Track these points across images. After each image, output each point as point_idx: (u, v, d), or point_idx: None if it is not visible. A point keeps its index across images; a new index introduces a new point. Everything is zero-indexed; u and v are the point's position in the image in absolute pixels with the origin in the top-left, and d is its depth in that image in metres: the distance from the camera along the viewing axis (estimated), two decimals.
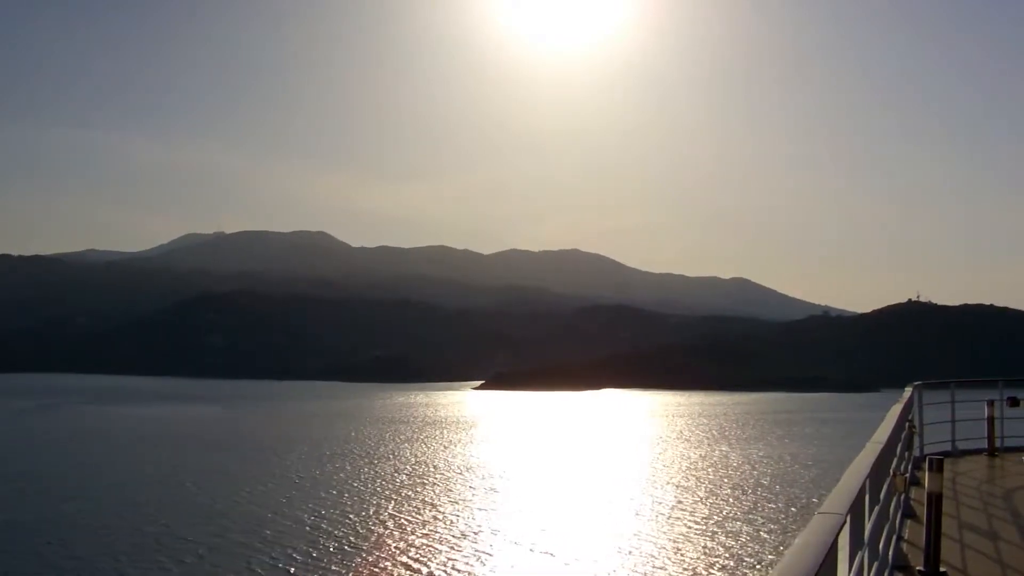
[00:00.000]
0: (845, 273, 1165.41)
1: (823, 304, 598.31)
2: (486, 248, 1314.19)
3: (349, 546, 50.30)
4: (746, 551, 49.58)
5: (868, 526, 6.63)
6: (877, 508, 7.37)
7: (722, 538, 52.79)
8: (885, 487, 8.56)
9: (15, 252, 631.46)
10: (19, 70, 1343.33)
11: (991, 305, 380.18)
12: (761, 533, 54.47)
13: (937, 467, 9.32)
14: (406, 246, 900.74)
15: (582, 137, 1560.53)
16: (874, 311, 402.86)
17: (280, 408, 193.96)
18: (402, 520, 57.85)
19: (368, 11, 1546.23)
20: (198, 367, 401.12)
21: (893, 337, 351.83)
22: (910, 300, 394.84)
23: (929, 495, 9.33)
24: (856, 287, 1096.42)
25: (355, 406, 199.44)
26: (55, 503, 63.81)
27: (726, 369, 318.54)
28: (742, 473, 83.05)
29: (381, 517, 58.97)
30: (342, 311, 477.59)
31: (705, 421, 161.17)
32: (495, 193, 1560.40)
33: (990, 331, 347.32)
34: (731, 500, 66.58)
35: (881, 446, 8.02)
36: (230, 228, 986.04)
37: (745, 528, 55.89)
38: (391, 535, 53.25)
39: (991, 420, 19.59)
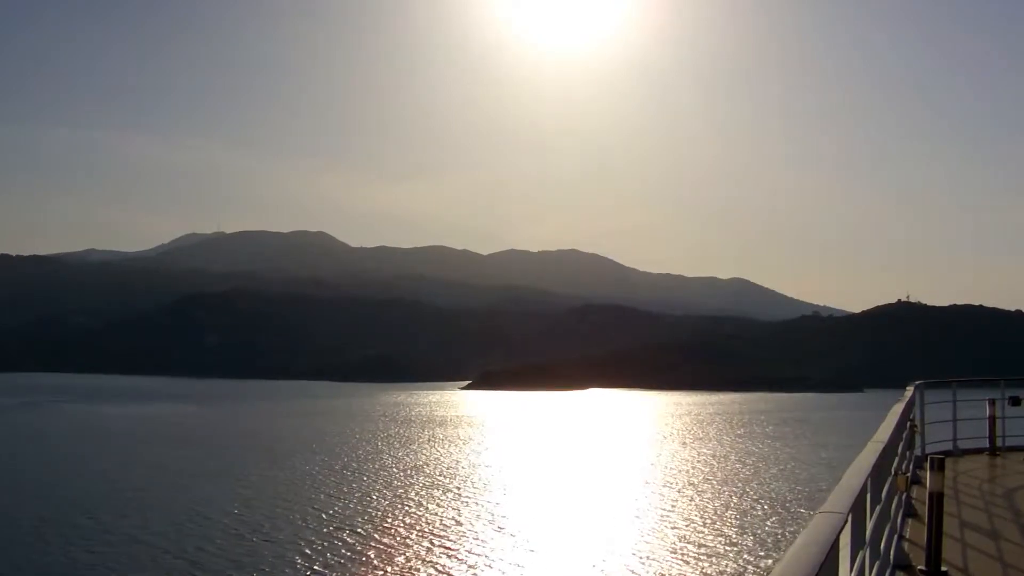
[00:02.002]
0: (845, 273, 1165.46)
1: (823, 305, 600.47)
2: (485, 248, 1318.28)
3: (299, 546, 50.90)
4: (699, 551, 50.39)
5: (869, 525, 6.59)
6: (878, 507, 7.34)
7: (694, 538, 53.23)
8: (887, 486, 8.55)
9: (14, 252, 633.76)
10: (19, 70, 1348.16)
11: (980, 305, 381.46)
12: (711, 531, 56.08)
13: (939, 466, 9.29)
14: (405, 246, 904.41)
15: (581, 137, 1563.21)
16: (863, 311, 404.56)
17: (250, 407, 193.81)
18: (335, 519, 59.59)
19: (368, 11, 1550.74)
20: (194, 366, 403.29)
21: (880, 337, 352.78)
22: (899, 301, 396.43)
23: (931, 494, 9.32)
24: (856, 287, 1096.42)
25: (331, 405, 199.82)
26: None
27: (713, 369, 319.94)
28: (685, 472, 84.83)
29: (311, 515, 60.69)
30: (337, 311, 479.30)
31: (672, 420, 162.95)
32: (494, 193, 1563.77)
33: (979, 331, 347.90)
34: (677, 499, 68.26)
35: (883, 445, 7.91)
36: (230, 228, 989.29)
37: (701, 526, 57.45)
38: (328, 534, 54.62)
39: (993, 419, 19.54)
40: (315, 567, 45.27)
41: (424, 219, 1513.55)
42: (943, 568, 9.38)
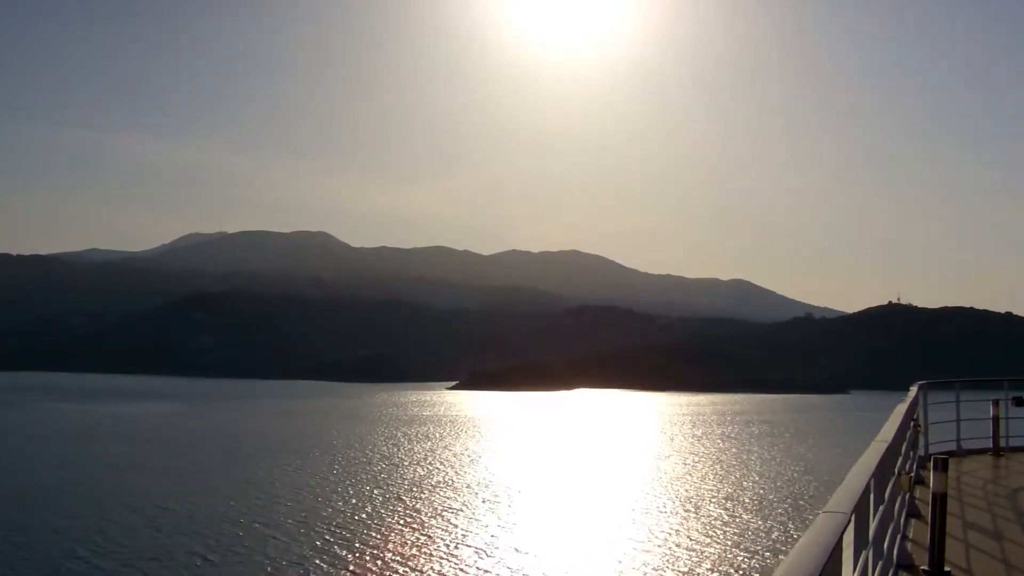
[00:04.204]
0: (846, 275, 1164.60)
1: (824, 306, 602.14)
2: (486, 249, 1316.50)
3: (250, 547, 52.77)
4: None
5: (872, 525, 6.63)
6: (882, 507, 7.39)
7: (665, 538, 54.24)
8: (890, 486, 8.61)
9: (15, 252, 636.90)
10: (20, 70, 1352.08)
11: (971, 308, 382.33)
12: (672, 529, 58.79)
13: (942, 466, 9.27)
14: (406, 247, 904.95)
15: (582, 137, 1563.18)
16: (854, 313, 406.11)
17: (245, 408, 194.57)
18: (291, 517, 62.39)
19: (369, 11, 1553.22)
20: (194, 366, 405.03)
21: (869, 339, 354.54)
22: (890, 303, 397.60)
23: (934, 494, 9.30)
24: (856, 288, 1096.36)
25: (314, 405, 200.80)
26: None
27: (704, 370, 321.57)
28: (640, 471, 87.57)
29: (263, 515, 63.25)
30: (337, 311, 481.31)
31: (648, 420, 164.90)
32: (495, 193, 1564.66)
33: (969, 333, 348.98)
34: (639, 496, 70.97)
35: (886, 445, 7.96)
36: (232, 228, 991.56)
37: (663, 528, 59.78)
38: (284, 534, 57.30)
39: (996, 420, 19.64)
40: (298, 565, 46.49)
41: (425, 220, 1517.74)
42: (946, 568, 9.36)
